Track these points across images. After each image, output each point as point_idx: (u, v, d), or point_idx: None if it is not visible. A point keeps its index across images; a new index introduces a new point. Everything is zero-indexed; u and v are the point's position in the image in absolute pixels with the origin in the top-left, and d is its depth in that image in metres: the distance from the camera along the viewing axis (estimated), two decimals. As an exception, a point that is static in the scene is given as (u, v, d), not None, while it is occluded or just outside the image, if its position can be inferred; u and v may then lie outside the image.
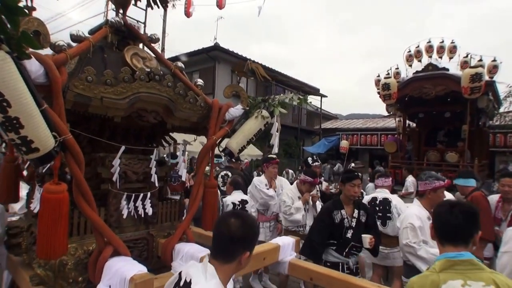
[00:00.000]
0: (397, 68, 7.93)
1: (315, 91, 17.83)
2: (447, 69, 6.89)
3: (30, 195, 1.85)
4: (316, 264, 2.24)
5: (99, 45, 1.59)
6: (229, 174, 5.00)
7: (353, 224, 2.63)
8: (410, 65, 7.88)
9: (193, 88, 1.78)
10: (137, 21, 2.15)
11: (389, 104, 7.53)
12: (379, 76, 7.91)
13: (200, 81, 1.88)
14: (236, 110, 1.85)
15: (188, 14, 8.58)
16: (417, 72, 7.29)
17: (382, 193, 3.61)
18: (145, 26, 1.94)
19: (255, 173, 11.08)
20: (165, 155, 2.12)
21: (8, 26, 0.94)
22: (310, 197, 3.53)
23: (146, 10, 1.95)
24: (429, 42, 7.56)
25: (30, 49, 1.08)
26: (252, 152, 10.52)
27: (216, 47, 13.00)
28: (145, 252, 1.78)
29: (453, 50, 7.23)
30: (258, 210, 3.99)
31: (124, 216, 1.67)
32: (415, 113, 8.27)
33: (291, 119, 16.28)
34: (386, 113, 9.65)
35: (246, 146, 1.88)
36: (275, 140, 2.04)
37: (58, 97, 1.20)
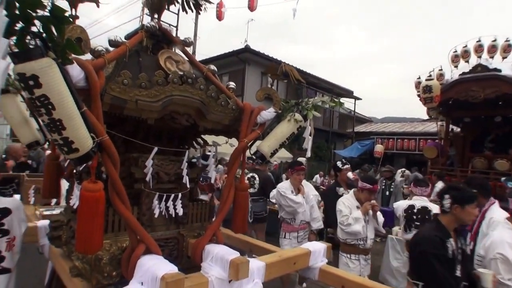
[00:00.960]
0: (441, 70, 7.43)
1: (348, 93, 17.44)
2: (499, 70, 6.37)
3: (69, 192, 1.96)
4: (347, 272, 2.18)
5: (134, 49, 1.66)
6: (256, 176, 4.99)
7: (460, 257, 2.06)
8: (456, 66, 7.37)
9: (225, 91, 1.80)
10: (170, 24, 2.22)
11: (430, 108, 7.12)
12: (419, 78, 7.52)
13: (232, 84, 1.89)
14: (268, 113, 1.84)
15: (220, 17, 8.74)
16: (463, 73, 6.81)
17: (420, 201, 3.43)
18: (177, 30, 1.99)
19: (284, 176, 11.05)
20: (195, 157, 2.15)
21: (55, 34, 1.00)
22: (371, 207, 3.23)
23: (178, 14, 2.01)
24: (479, 41, 7.01)
25: (72, 55, 1.14)
26: (282, 154, 10.48)
27: (246, 49, 13.12)
28: (175, 251, 1.82)
29: (507, 49, 6.64)
30: (284, 218, 3.79)
31: (156, 216, 1.72)
32: (460, 117, 7.75)
33: (322, 122, 16.02)
34: (425, 117, 9.18)
35: (278, 150, 1.87)
36: (308, 144, 2.00)
37: (96, 100, 1.26)
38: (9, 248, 1.80)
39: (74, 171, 1.95)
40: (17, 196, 3.44)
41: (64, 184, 2.11)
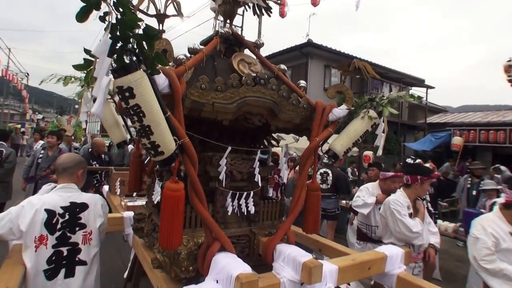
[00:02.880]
0: (539, 47, 6.40)
1: (420, 82, 16.03)
2: None
3: (150, 188, 2.14)
4: (430, 283, 2.01)
5: (210, 54, 1.72)
6: (329, 172, 4.87)
7: None
8: None
9: (296, 90, 1.77)
10: (235, 25, 2.23)
11: (525, 93, 6.17)
12: (510, 60, 6.60)
13: (303, 83, 1.86)
14: (340, 111, 1.77)
15: (283, 14, 8.69)
16: None
17: None
18: (242, 30, 2.02)
19: (349, 169, 10.64)
20: (265, 156, 2.18)
21: (146, 49, 1.09)
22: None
23: (243, 15, 2.04)
24: None
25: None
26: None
27: (309, 43, 12.87)
28: (247, 249, 1.87)
29: None
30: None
31: (229, 213, 1.78)
32: None
33: (390, 113, 14.98)
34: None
35: (351, 148, 1.79)
36: (381, 142, 1.89)
37: (178, 105, 1.33)
38: (86, 241, 1.91)
39: (155, 168, 2.12)
40: (105, 187, 3.89)
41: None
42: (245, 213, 1.83)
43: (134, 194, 3.37)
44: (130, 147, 6.18)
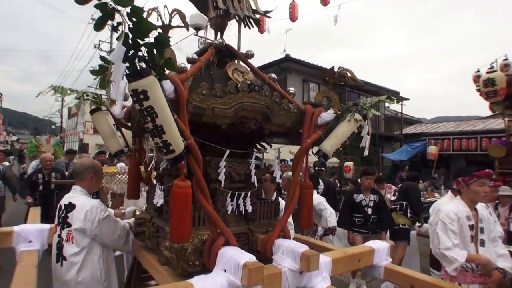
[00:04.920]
0: (506, 59, 6.88)
1: (394, 95, 16.79)
2: None
3: (149, 194, 2.22)
4: (415, 271, 2.17)
5: (206, 63, 1.87)
6: (320, 180, 5.02)
7: None
8: None
9: (286, 96, 1.94)
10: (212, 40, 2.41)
11: (494, 103, 6.61)
12: (478, 71, 7.06)
13: (292, 90, 2.04)
14: (327, 115, 1.95)
15: (262, 30, 9.00)
16: (533, 62, 6.27)
17: None
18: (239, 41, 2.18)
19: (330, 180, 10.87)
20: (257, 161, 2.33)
21: (156, 56, 1.22)
22: None
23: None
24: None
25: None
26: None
27: (287, 58, 13.31)
28: (246, 246, 1.97)
29: None
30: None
31: (229, 212, 1.89)
32: (532, 110, 7.08)
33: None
34: (484, 114, 8.53)
35: (340, 149, 1.96)
36: (366, 143, 2.07)
37: (183, 109, 1.47)
38: (68, 239, 2.05)
39: (153, 175, 2.21)
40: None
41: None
42: (244, 212, 1.94)
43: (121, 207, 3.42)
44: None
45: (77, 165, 2.29)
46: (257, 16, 2.15)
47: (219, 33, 2.10)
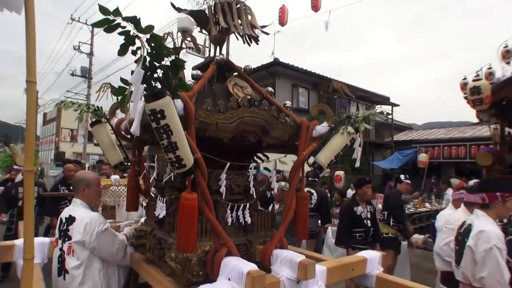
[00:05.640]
0: (490, 68, 7.33)
1: (385, 100, 17.37)
2: (558, 65, 6.26)
3: (149, 206, 2.36)
4: (405, 280, 2.39)
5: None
6: (313, 192, 5.22)
7: None
8: (508, 63, 7.25)
9: (283, 110, 2.14)
10: (202, 46, 2.60)
11: (480, 111, 7.01)
12: (465, 78, 7.48)
13: (288, 103, 2.24)
14: (322, 128, 2.16)
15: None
16: (517, 70, 6.72)
17: None
18: (209, 51, 2.34)
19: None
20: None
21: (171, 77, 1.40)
22: None
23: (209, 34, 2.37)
24: (532, 34, 6.98)
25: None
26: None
27: (276, 63, 13.60)
28: (245, 256, 2.13)
29: None
30: None
31: (229, 224, 2.07)
32: (516, 119, 7.55)
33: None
34: (474, 120, 8.96)
35: (334, 161, 2.17)
36: (358, 155, 2.29)
37: (191, 125, 1.64)
38: (69, 252, 2.17)
39: (153, 187, 2.36)
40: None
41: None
42: (243, 224, 2.12)
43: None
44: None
45: (73, 178, 2.46)
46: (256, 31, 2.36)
47: (218, 48, 2.30)
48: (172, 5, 1.97)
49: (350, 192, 9.20)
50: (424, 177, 11.73)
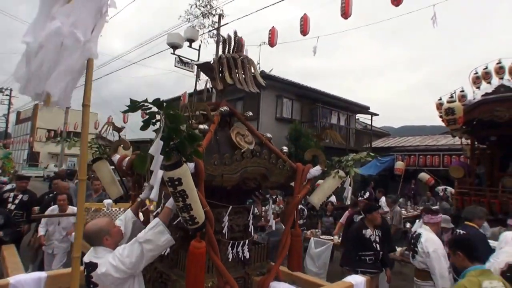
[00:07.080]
0: (462, 91, 7.93)
1: (364, 109, 17.90)
2: (523, 90, 6.80)
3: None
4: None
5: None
6: (304, 208, 5.52)
7: None
8: (478, 87, 7.86)
9: (281, 156, 2.35)
10: (191, 59, 2.71)
11: (454, 129, 7.52)
12: (441, 99, 8.00)
13: (285, 149, 2.45)
14: (315, 171, 2.38)
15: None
16: (486, 94, 7.24)
17: None
18: (199, 57, 2.49)
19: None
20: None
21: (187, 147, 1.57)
22: None
23: (199, 51, 2.56)
24: (499, 63, 7.56)
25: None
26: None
27: (261, 75, 13.69)
28: (243, 288, 2.33)
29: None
30: None
31: (230, 260, 2.25)
32: (486, 136, 8.11)
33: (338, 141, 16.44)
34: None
35: (326, 201, 2.39)
36: (348, 193, 2.52)
37: (201, 183, 1.82)
38: None
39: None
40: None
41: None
42: (241, 258, 2.30)
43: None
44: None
45: (86, 232, 1.93)
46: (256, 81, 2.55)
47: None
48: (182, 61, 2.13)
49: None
50: (400, 183, 12.25)
